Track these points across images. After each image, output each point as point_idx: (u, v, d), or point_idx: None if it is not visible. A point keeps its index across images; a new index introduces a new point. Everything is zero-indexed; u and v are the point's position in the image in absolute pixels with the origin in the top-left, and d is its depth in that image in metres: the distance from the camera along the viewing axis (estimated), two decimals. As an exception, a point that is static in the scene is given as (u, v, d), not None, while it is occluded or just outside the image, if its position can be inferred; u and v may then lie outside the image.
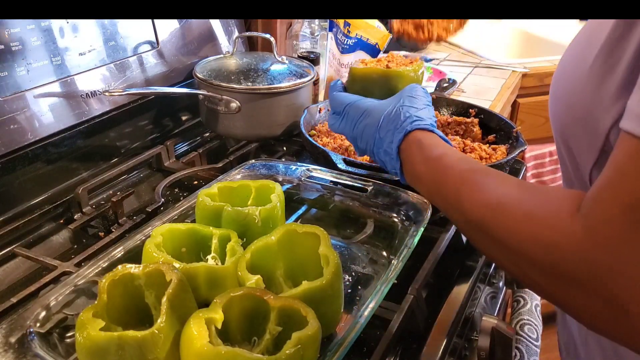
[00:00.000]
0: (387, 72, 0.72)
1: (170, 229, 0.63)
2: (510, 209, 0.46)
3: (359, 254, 0.70)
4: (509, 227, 0.45)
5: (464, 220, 0.52)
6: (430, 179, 0.58)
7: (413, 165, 0.60)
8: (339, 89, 0.74)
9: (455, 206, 0.53)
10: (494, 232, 0.47)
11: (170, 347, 0.49)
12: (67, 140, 0.86)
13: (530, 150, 1.64)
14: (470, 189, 0.51)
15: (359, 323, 0.55)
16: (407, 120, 0.62)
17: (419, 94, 0.66)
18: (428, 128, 0.62)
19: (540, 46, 1.95)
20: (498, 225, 0.46)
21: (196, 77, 0.99)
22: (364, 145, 0.68)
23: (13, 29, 0.77)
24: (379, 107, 0.66)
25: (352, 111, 0.69)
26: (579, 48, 0.55)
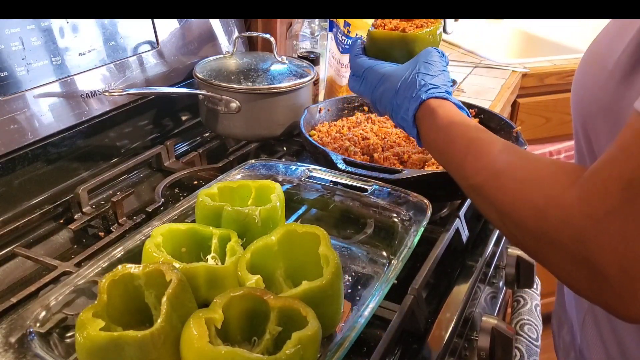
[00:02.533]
0: (405, 36, 0.72)
1: (170, 229, 0.63)
2: (508, 174, 0.49)
3: (359, 254, 0.70)
4: (505, 191, 0.48)
5: (467, 184, 0.55)
6: (441, 146, 0.60)
7: (428, 133, 0.63)
8: (358, 51, 0.75)
9: (461, 171, 0.56)
10: (491, 196, 0.50)
11: (170, 347, 0.49)
12: (67, 140, 0.86)
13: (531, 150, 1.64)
14: (474, 156, 0.54)
15: (359, 323, 0.55)
16: (422, 88, 0.64)
17: (434, 59, 0.67)
18: (442, 96, 0.63)
19: (540, 46, 1.95)
20: (495, 190, 0.49)
21: (196, 77, 0.99)
22: (383, 109, 0.70)
23: (13, 29, 0.77)
24: (396, 73, 0.67)
25: (371, 76, 0.70)
26: (607, 39, 0.55)
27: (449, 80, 0.66)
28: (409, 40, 0.73)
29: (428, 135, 0.63)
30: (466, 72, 1.56)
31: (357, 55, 0.75)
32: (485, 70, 1.58)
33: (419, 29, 0.73)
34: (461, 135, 0.58)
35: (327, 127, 0.99)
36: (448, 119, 0.61)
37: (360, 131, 0.96)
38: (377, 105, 0.72)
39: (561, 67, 1.61)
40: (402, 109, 0.65)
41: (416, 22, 0.75)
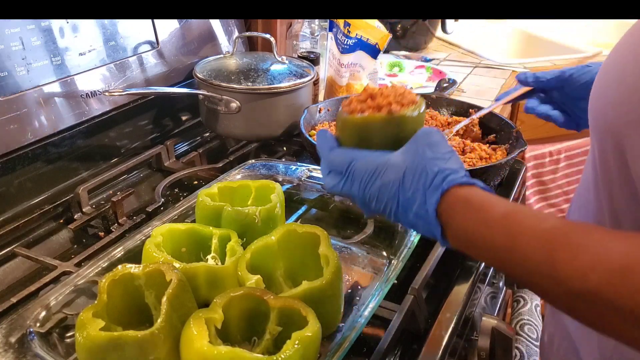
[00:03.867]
0: (391, 119, 0.59)
1: (170, 229, 0.63)
2: (635, 271, 0.39)
3: (359, 254, 0.70)
4: (636, 292, 0.38)
5: (563, 290, 0.43)
6: (498, 244, 0.48)
7: (466, 231, 0.51)
8: (333, 144, 0.61)
9: (548, 274, 0.44)
10: (616, 299, 0.39)
11: (170, 347, 0.49)
12: (67, 140, 0.86)
13: (531, 150, 1.64)
14: (570, 253, 0.42)
15: (359, 323, 0.55)
16: (438, 175, 0.53)
17: (437, 139, 0.56)
18: (468, 181, 0.52)
19: (540, 46, 1.95)
20: (622, 292, 0.39)
21: (196, 77, 0.99)
22: (381, 207, 0.57)
23: (13, 29, 0.77)
24: (395, 161, 0.56)
25: (360, 170, 0.57)
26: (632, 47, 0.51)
27: (461, 162, 0.56)
28: (396, 122, 0.59)
29: (468, 233, 0.51)
30: (466, 72, 1.56)
31: (332, 149, 0.60)
32: (485, 70, 1.58)
33: (404, 108, 0.60)
34: (530, 228, 0.46)
35: (327, 127, 0.99)
36: (494, 208, 0.49)
37: (360, 131, 0.96)
38: (371, 205, 0.57)
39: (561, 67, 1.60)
40: (414, 203, 0.53)
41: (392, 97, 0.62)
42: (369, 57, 1.08)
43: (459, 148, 0.89)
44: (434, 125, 0.99)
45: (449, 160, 0.54)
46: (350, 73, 1.11)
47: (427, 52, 1.73)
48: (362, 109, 0.60)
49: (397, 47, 1.68)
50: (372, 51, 1.08)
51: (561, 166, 1.68)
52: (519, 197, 1.01)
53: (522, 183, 1.03)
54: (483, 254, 0.51)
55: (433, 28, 1.73)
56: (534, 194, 1.69)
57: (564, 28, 2.05)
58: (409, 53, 1.68)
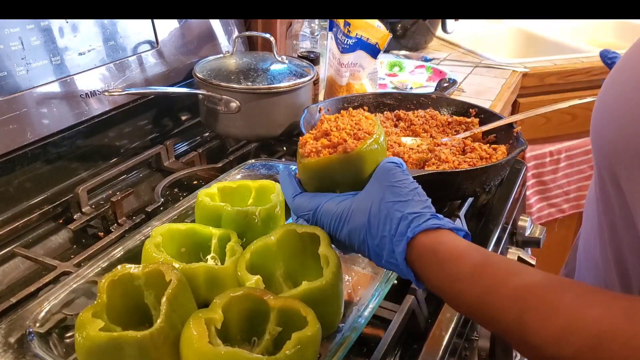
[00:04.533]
0: (348, 158, 0.56)
1: (169, 229, 0.63)
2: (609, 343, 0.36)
3: (359, 254, 0.70)
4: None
5: (536, 355, 0.41)
6: (469, 300, 0.46)
7: (437, 283, 0.49)
8: (296, 189, 0.59)
9: (519, 337, 0.41)
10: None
11: (170, 348, 0.49)
12: (66, 140, 0.86)
13: (531, 150, 1.64)
14: (541, 316, 0.40)
15: (359, 323, 0.55)
16: (401, 222, 0.50)
17: (398, 177, 0.53)
18: (433, 226, 0.49)
19: (540, 46, 1.95)
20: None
21: (196, 76, 0.99)
22: (354, 251, 0.55)
23: (13, 28, 0.77)
24: (359, 206, 0.53)
25: (326, 216, 0.55)
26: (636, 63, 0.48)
27: (425, 197, 0.52)
28: (353, 160, 0.56)
29: (439, 285, 0.48)
30: (466, 72, 1.56)
31: (296, 196, 0.58)
32: (486, 70, 1.58)
33: (361, 142, 0.56)
34: (500, 285, 0.43)
35: (327, 127, 0.99)
36: (464, 260, 0.46)
37: (360, 131, 0.96)
38: (344, 249, 0.56)
39: (561, 66, 1.61)
40: (384, 250, 0.51)
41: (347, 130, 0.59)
42: (369, 57, 1.08)
43: (459, 148, 0.89)
44: (434, 125, 0.99)
45: (411, 201, 0.51)
46: (350, 73, 1.11)
47: (427, 52, 1.73)
48: (317, 150, 0.57)
49: (397, 46, 1.68)
50: (372, 51, 1.07)
51: (561, 166, 1.68)
52: (519, 197, 1.00)
53: (523, 183, 1.03)
54: (457, 307, 0.49)
55: (433, 28, 1.73)
56: (534, 194, 1.69)
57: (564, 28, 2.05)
58: (409, 53, 1.68)
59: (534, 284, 0.42)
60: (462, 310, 0.49)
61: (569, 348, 0.37)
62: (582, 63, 1.64)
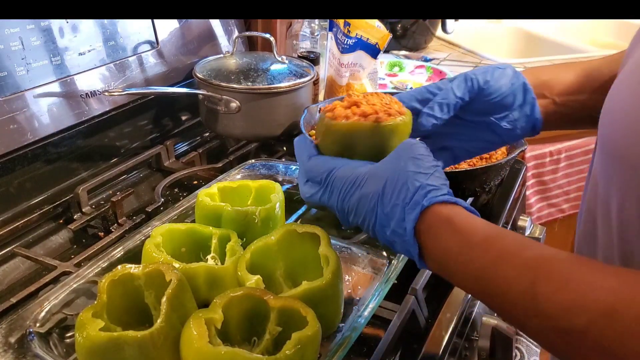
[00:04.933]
0: (378, 127, 0.55)
1: (169, 229, 0.63)
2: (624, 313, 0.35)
3: (359, 254, 0.70)
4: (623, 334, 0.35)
5: (545, 326, 0.39)
6: (478, 270, 0.44)
7: (445, 252, 0.47)
8: (313, 150, 0.57)
9: (530, 307, 0.40)
10: (605, 342, 0.36)
11: (170, 348, 0.49)
12: (66, 140, 0.86)
13: (531, 150, 1.64)
14: (553, 287, 0.39)
15: (359, 323, 0.55)
16: (419, 191, 0.48)
17: (421, 152, 0.52)
18: (449, 199, 0.48)
19: (540, 46, 1.95)
20: (610, 335, 0.36)
21: (196, 76, 0.99)
22: (358, 221, 0.53)
23: (13, 28, 0.77)
24: (376, 172, 0.52)
25: (339, 180, 0.53)
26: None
27: (444, 177, 0.51)
28: (383, 132, 0.55)
29: (447, 256, 0.47)
30: (466, 72, 1.56)
31: (312, 156, 0.56)
32: (485, 70, 1.58)
33: (392, 117, 0.56)
34: (513, 254, 0.42)
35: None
36: (477, 231, 0.46)
37: (360, 131, 0.96)
38: (349, 217, 0.54)
39: (561, 67, 1.61)
40: (392, 219, 0.49)
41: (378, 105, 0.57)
42: (369, 57, 1.08)
43: (459, 148, 0.89)
44: (434, 125, 0.99)
45: (432, 175, 0.50)
46: (350, 73, 1.11)
47: (427, 52, 1.73)
48: (347, 116, 0.56)
49: (397, 46, 1.68)
50: (372, 51, 1.07)
51: (562, 166, 1.68)
52: (519, 197, 1.01)
53: (523, 183, 1.03)
54: (462, 279, 0.48)
55: (433, 28, 1.73)
56: (534, 193, 1.69)
57: (564, 28, 2.06)
58: (409, 53, 1.68)
59: (547, 255, 0.41)
60: (467, 282, 0.47)
61: (581, 317, 0.36)
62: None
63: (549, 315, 0.39)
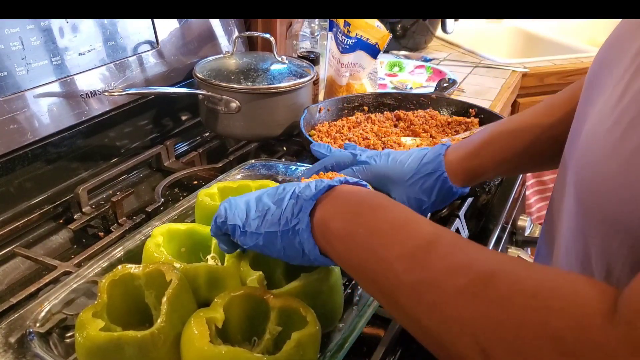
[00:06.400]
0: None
1: (169, 229, 0.63)
2: (507, 280, 0.36)
3: (359, 254, 0.70)
4: (504, 306, 0.35)
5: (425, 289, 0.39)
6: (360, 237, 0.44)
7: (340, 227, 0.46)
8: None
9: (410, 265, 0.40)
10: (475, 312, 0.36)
11: (170, 348, 0.49)
12: (66, 140, 0.86)
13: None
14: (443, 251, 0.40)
15: (359, 323, 0.55)
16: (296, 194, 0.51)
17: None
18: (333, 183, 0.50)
19: (540, 46, 1.95)
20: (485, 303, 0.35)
21: (196, 77, 0.99)
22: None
23: (13, 28, 0.77)
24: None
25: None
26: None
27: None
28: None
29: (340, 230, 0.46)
30: (466, 72, 1.56)
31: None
32: (485, 70, 1.58)
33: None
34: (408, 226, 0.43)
35: (327, 127, 0.99)
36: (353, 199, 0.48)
37: (360, 131, 0.96)
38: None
39: (561, 67, 1.61)
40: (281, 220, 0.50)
41: None
42: (369, 57, 1.08)
43: (459, 148, 0.89)
44: (434, 125, 0.99)
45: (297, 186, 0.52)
46: (350, 73, 1.11)
47: (427, 52, 1.73)
48: None
49: (397, 46, 1.68)
50: (372, 51, 1.07)
51: (561, 166, 1.68)
52: (519, 197, 1.01)
53: (522, 183, 1.03)
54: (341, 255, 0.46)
55: (433, 28, 1.73)
56: (534, 193, 1.69)
57: (564, 28, 2.06)
58: (409, 53, 1.68)
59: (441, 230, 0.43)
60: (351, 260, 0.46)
61: (461, 279, 0.37)
62: (581, 63, 1.64)
63: (430, 279, 0.39)
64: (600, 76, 0.47)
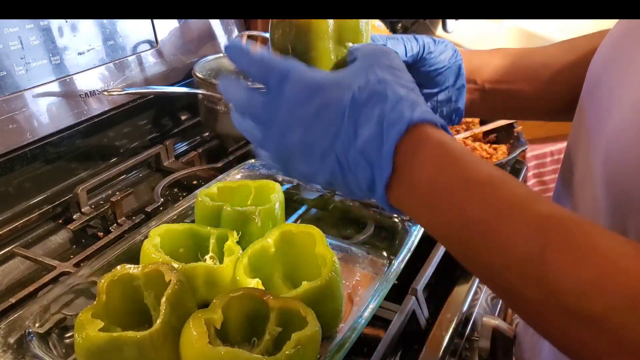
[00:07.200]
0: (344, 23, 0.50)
1: (167, 229, 0.63)
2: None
3: (359, 254, 0.70)
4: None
5: (552, 303, 0.32)
6: (472, 216, 0.36)
7: (431, 185, 0.37)
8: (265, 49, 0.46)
9: (536, 276, 0.33)
10: (620, 331, 0.30)
11: (170, 348, 0.49)
12: (66, 140, 0.86)
13: (531, 150, 1.64)
14: (568, 256, 0.32)
15: (359, 323, 0.55)
16: (402, 102, 0.39)
17: (398, 62, 0.43)
18: (440, 122, 0.39)
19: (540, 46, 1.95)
20: (628, 324, 0.30)
21: (195, 76, 0.99)
22: (309, 139, 0.41)
23: (12, 28, 0.76)
24: (342, 80, 0.41)
25: (295, 84, 0.42)
26: None
27: (425, 102, 0.42)
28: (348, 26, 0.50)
29: (430, 186, 0.38)
30: (466, 72, 1.56)
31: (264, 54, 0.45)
32: (485, 70, 1.58)
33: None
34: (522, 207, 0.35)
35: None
36: (478, 167, 0.37)
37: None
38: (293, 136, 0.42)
39: (561, 67, 1.60)
40: (360, 136, 0.39)
41: None
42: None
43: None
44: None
45: (414, 91, 0.41)
46: (350, 73, 1.11)
47: (427, 52, 1.73)
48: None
49: (397, 47, 1.68)
50: (372, 51, 1.07)
51: (561, 166, 1.68)
52: (519, 197, 1.00)
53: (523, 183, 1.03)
54: (440, 222, 0.38)
55: (433, 28, 1.73)
56: (534, 194, 1.69)
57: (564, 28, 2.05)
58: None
59: (561, 215, 0.34)
60: (447, 228, 0.37)
61: (599, 302, 0.31)
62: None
63: (556, 289, 0.32)
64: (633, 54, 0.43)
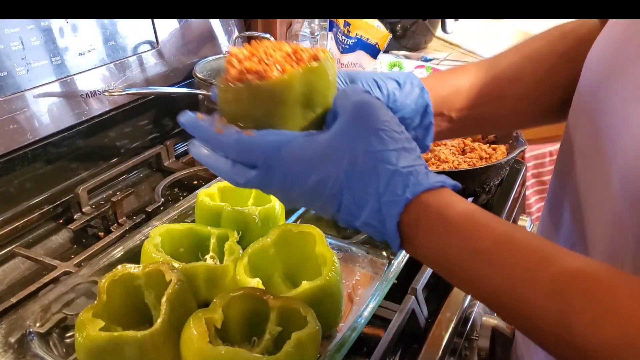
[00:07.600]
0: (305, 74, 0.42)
1: (168, 229, 0.63)
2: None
3: (359, 254, 0.70)
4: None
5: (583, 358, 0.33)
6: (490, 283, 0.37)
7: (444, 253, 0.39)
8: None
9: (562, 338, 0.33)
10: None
11: (170, 347, 0.49)
12: (66, 140, 0.86)
13: (530, 150, 1.64)
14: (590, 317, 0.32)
15: (359, 323, 0.55)
16: (394, 180, 0.39)
17: (383, 116, 0.41)
18: (435, 185, 0.39)
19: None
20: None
21: (196, 76, 0.99)
22: (314, 207, 0.43)
23: (13, 28, 0.77)
24: (331, 151, 0.40)
25: (288, 161, 0.41)
26: None
27: (413, 142, 0.42)
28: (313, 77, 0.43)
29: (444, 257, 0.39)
30: (466, 72, 1.56)
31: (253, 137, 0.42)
32: (485, 70, 1.58)
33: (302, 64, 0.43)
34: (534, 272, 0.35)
35: (327, 127, 0.99)
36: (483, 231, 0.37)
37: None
38: (299, 202, 0.44)
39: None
40: (364, 209, 0.40)
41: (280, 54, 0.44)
42: (369, 57, 1.08)
43: (458, 148, 0.89)
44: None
45: (402, 152, 0.40)
46: (350, 73, 1.11)
47: (427, 52, 1.73)
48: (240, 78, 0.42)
49: (397, 46, 1.68)
50: (372, 51, 1.08)
51: (561, 166, 1.68)
52: (518, 197, 1.00)
53: (522, 183, 1.03)
54: (461, 288, 0.41)
55: (433, 28, 1.73)
56: (534, 194, 1.69)
57: (564, 28, 2.05)
58: (409, 53, 1.68)
59: (576, 272, 0.34)
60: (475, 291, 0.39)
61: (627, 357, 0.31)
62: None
63: (584, 351, 0.32)
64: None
